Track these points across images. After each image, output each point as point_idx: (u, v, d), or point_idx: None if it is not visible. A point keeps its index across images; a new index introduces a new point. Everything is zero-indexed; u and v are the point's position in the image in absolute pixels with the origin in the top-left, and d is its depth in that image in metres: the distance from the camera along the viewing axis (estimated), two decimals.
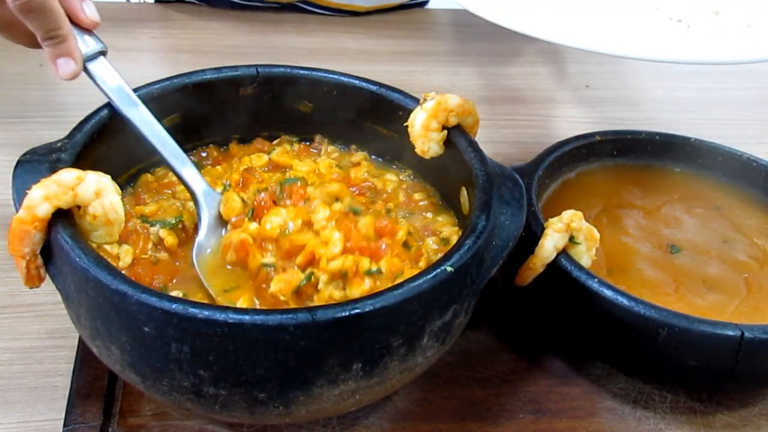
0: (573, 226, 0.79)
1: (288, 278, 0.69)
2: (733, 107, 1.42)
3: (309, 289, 0.69)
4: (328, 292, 0.68)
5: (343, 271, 0.69)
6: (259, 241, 0.73)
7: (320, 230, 0.72)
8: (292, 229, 0.73)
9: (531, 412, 0.80)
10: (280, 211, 0.74)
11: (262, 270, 0.71)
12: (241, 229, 0.74)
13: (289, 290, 0.69)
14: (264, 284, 0.70)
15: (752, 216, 0.96)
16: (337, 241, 0.70)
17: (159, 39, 1.44)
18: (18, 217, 0.64)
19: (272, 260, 0.72)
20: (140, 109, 0.76)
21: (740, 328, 0.72)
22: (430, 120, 0.79)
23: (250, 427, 0.75)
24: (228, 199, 0.77)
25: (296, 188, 0.78)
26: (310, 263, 0.70)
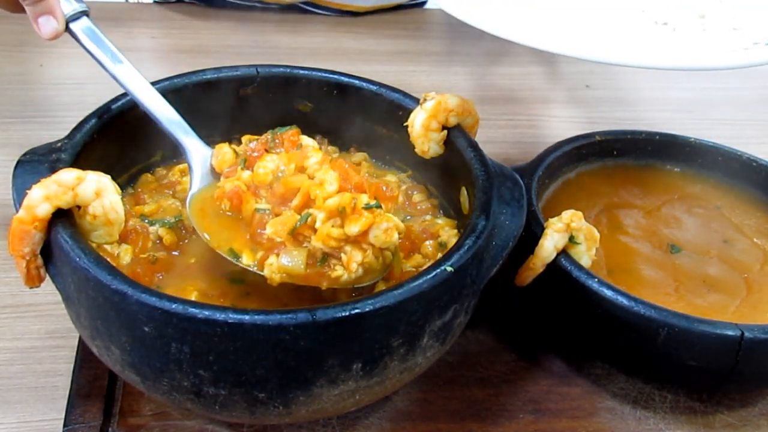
0: (573, 226, 0.79)
1: (283, 220, 0.68)
2: (733, 107, 1.42)
3: (306, 230, 0.68)
4: (326, 230, 0.66)
5: (340, 207, 0.66)
6: (253, 188, 0.72)
7: (314, 173, 0.71)
8: (286, 173, 0.72)
9: (531, 412, 0.80)
10: (272, 157, 0.73)
11: (257, 215, 0.70)
12: (234, 177, 0.73)
13: (285, 231, 0.67)
14: (259, 229, 0.69)
15: (752, 216, 0.96)
16: (332, 179, 0.68)
17: (159, 39, 1.44)
18: (18, 217, 0.64)
19: (267, 206, 0.70)
20: (126, 66, 0.76)
21: (740, 328, 0.72)
22: (430, 120, 0.79)
23: (250, 427, 0.75)
24: (219, 151, 0.76)
25: (288, 136, 0.77)
26: (305, 206, 0.69)
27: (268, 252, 0.68)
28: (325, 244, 0.66)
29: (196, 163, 0.76)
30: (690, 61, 0.71)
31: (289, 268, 0.66)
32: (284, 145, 0.76)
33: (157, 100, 0.76)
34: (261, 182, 0.72)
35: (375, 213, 0.67)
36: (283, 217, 0.68)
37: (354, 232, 0.65)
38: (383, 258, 0.69)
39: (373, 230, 0.66)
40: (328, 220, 0.66)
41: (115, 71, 0.76)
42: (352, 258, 0.66)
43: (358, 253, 0.67)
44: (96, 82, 1.26)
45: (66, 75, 1.29)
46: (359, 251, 0.67)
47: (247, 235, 0.70)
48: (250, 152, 0.75)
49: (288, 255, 0.67)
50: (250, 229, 0.70)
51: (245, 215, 0.71)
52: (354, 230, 0.65)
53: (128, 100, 0.79)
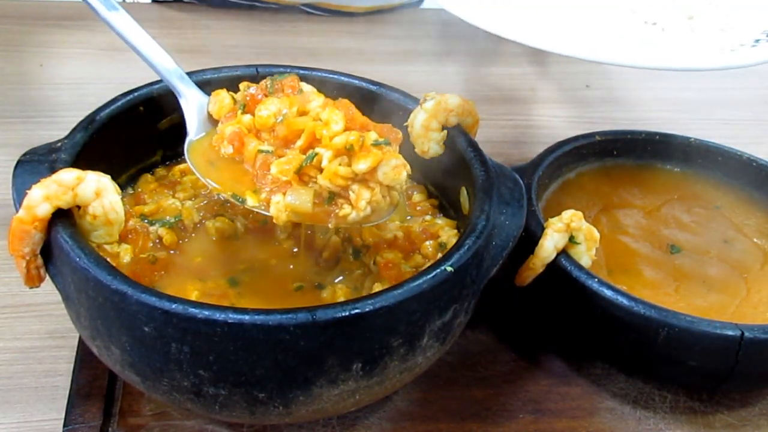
0: (573, 226, 0.79)
1: (288, 159, 0.66)
2: (733, 107, 1.42)
3: (312, 170, 0.66)
4: (333, 169, 0.65)
5: (348, 145, 0.65)
6: (254, 131, 0.70)
7: (318, 116, 0.68)
8: (288, 116, 0.69)
9: (531, 412, 0.80)
10: (273, 100, 0.71)
11: (260, 156, 0.68)
12: (234, 120, 0.71)
13: (291, 171, 0.65)
14: (263, 171, 0.67)
15: (752, 216, 0.96)
16: (338, 118, 0.67)
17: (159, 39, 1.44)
18: (18, 217, 0.63)
19: (270, 147, 0.68)
20: (121, 14, 0.76)
21: (740, 328, 0.72)
22: (430, 120, 0.79)
23: (250, 427, 0.75)
24: (217, 97, 0.74)
25: (288, 81, 0.74)
26: (310, 147, 0.67)
27: (273, 193, 0.66)
28: (332, 182, 0.65)
29: (193, 110, 0.74)
30: (677, 61, 0.71)
31: (295, 206, 0.65)
32: (284, 91, 0.73)
33: (153, 48, 0.76)
34: (263, 125, 0.69)
35: (383, 150, 0.66)
36: (287, 157, 0.66)
37: (363, 169, 0.64)
38: (390, 198, 0.68)
39: (381, 167, 0.65)
40: (335, 159, 0.65)
41: (109, 18, 0.75)
42: (360, 196, 0.65)
43: (366, 191, 0.66)
44: (96, 82, 1.27)
45: (66, 75, 1.29)
46: (367, 189, 0.66)
47: (250, 178, 0.69)
48: (250, 97, 0.72)
49: (294, 193, 0.66)
50: (253, 172, 0.68)
51: (247, 158, 0.69)
52: (363, 167, 0.64)
53: (128, 100, 0.79)
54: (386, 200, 0.68)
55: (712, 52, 0.71)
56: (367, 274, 0.75)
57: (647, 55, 0.72)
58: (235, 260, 0.76)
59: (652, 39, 0.77)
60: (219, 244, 0.77)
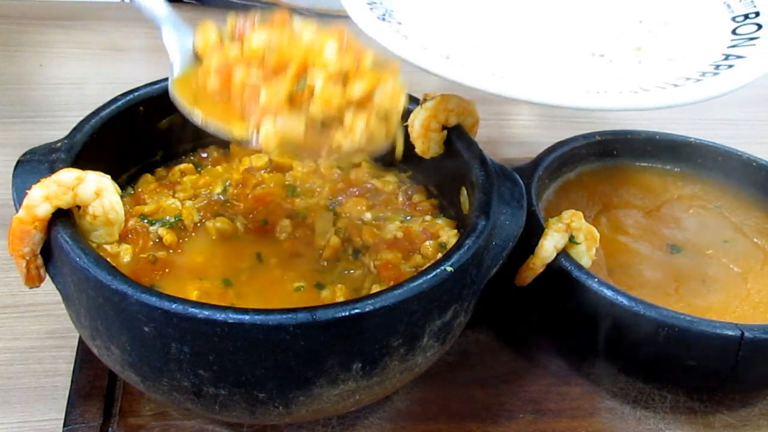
0: (573, 226, 0.79)
1: (279, 86, 0.61)
2: (733, 107, 1.42)
3: (302, 98, 0.62)
4: (327, 93, 0.60)
5: (343, 69, 0.61)
6: (243, 62, 0.64)
7: (311, 43, 0.63)
8: (279, 44, 0.64)
9: (531, 412, 0.80)
10: (263, 30, 0.66)
11: (248, 86, 0.63)
12: (221, 52, 0.67)
13: (282, 97, 0.61)
14: (253, 102, 0.62)
15: (752, 216, 0.96)
16: (332, 44, 0.62)
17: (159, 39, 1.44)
18: (18, 217, 0.64)
19: (259, 78, 0.63)
20: None
21: (740, 328, 0.72)
22: (430, 120, 0.79)
23: (250, 427, 0.75)
24: (203, 28, 0.69)
25: (278, 17, 0.68)
26: (301, 75, 0.62)
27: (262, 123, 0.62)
28: (325, 108, 0.61)
29: (176, 44, 0.70)
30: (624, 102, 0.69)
31: (286, 133, 0.61)
32: (275, 24, 0.68)
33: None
34: (252, 54, 0.64)
35: (380, 73, 0.62)
36: (277, 83, 0.62)
37: (359, 92, 0.60)
38: (388, 126, 0.64)
39: (378, 90, 0.62)
40: (328, 84, 0.61)
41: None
42: (355, 122, 0.61)
43: (362, 117, 0.61)
44: (96, 82, 1.27)
45: (65, 75, 1.29)
46: (363, 115, 0.61)
47: (238, 109, 0.64)
48: (238, 30, 0.68)
49: (285, 120, 0.61)
50: (242, 103, 0.64)
51: (235, 89, 0.64)
52: (359, 89, 0.60)
53: (128, 100, 0.79)
54: (383, 129, 0.63)
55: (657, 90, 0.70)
56: (367, 274, 0.75)
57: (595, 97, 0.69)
58: (235, 260, 0.76)
59: (601, 73, 0.75)
60: (219, 244, 0.77)
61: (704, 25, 0.79)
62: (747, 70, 0.71)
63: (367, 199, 0.84)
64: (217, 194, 0.83)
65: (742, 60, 0.72)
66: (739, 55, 0.73)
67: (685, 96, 0.68)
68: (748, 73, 0.71)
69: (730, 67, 0.72)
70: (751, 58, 0.73)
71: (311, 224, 0.79)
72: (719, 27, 0.78)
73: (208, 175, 0.85)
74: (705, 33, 0.78)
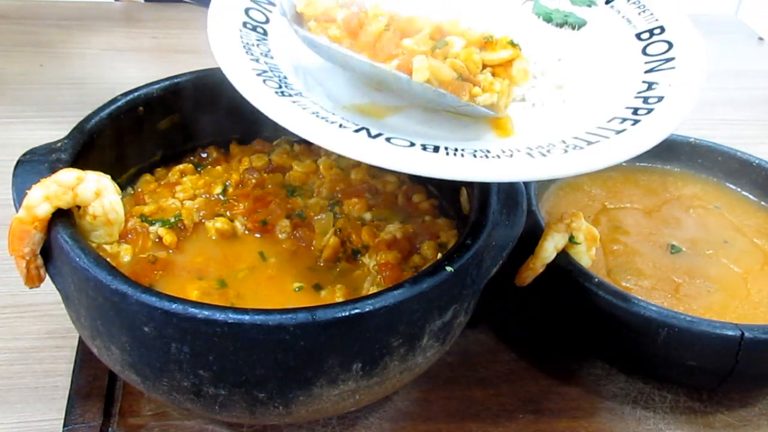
0: (573, 226, 0.79)
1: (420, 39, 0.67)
2: (733, 107, 1.42)
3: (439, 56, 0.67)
4: (468, 52, 0.66)
5: (487, 36, 0.67)
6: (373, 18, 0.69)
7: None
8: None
9: (531, 412, 0.80)
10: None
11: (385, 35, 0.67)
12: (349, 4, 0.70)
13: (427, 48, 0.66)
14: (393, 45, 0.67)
15: (752, 216, 0.96)
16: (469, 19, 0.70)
17: (159, 39, 1.44)
18: (18, 217, 0.64)
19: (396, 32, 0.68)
20: None
21: (740, 328, 0.72)
22: None
23: (250, 427, 0.75)
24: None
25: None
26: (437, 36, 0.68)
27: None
28: (466, 63, 0.66)
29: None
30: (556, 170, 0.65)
31: (438, 68, 0.66)
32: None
33: None
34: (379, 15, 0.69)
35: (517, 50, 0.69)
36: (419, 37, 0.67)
37: (503, 57, 0.67)
38: (507, 98, 0.70)
39: (516, 63, 0.68)
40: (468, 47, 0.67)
41: None
42: (493, 82, 0.67)
43: (498, 79, 0.68)
44: (96, 82, 1.27)
45: (66, 75, 1.29)
46: (499, 77, 0.68)
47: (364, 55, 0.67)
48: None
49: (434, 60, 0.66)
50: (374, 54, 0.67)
51: (366, 40, 0.68)
52: (503, 55, 0.67)
53: (128, 100, 0.79)
54: (505, 99, 0.69)
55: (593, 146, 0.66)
56: (367, 274, 0.75)
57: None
58: (235, 260, 0.76)
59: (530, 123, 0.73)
60: (219, 244, 0.77)
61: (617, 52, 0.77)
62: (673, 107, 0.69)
63: (367, 199, 0.84)
64: (217, 194, 0.83)
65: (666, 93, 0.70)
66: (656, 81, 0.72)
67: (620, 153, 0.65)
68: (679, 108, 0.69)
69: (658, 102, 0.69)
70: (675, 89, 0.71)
71: (311, 224, 0.79)
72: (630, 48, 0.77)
73: (208, 175, 0.85)
74: (620, 60, 0.76)
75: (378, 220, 0.82)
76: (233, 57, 0.70)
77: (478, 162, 0.63)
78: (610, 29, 0.79)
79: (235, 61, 0.69)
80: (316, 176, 0.87)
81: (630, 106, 0.70)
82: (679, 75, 0.72)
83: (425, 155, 0.63)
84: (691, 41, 0.75)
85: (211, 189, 0.83)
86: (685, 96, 0.70)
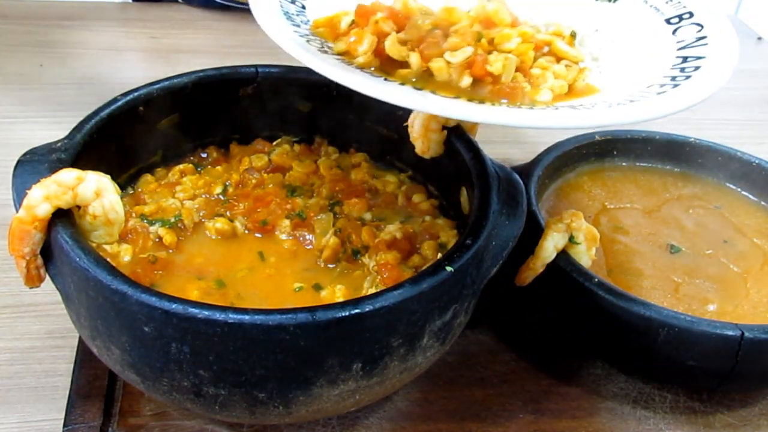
0: (573, 226, 0.79)
1: (464, 30, 0.69)
2: (733, 107, 1.42)
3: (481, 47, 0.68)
4: (523, 47, 0.69)
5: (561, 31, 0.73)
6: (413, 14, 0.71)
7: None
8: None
9: (531, 412, 0.80)
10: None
11: (432, 32, 0.69)
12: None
13: (471, 41, 0.68)
14: (432, 45, 0.68)
15: (752, 216, 0.96)
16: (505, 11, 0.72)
17: (159, 39, 1.44)
18: (18, 217, 0.64)
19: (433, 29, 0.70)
20: None
21: (740, 328, 0.72)
22: (430, 120, 0.79)
23: (250, 427, 0.75)
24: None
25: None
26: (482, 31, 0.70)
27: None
28: (522, 56, 0.68)
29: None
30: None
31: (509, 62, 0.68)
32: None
33: None
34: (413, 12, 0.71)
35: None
36: (460, 28, 0.69)
37: (563, 50, 0.70)
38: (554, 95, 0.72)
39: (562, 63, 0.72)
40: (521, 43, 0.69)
41: None
42: (545, 76, 0.70)
43: (551, 74, 0.70)
44: (96, 82, 1.27)
45: (66, 75, 1.29)
46: (552, 73, 0.70)
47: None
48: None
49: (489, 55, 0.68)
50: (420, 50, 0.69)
51: (413, 34, 0.70)
52: (564, 48, 0.71)
53: (128, 100, 0.79)
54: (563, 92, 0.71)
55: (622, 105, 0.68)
56: (367, 274, 0.75)
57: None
58: (234, 260, 0.76)
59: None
60: (219, 244, 0.77)
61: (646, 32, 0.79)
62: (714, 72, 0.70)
63: (367, 199, 0.84)
64: (217, 194, 0.83)
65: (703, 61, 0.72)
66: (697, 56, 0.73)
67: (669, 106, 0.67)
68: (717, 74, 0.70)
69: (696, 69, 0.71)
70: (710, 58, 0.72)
71: (311, 224, 0.79)
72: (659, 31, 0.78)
73: (208, 175, 0.85)
74: (651, 39, 0.78)
75: (378, 220, 0.82)
76: (276, 21, 0.72)
77: (532, 111, 0.67)
78: (639, 15, 0.81)
79: (277, 25, 0.72)
80: (316, 176, 0.87)
81: (667, 75, 0.72)
82: (713, 47, 0.73)
83: (479, 105, 0.65)
84: (720, 21, 0.76)
85: (211, 189, 0.83)
86: (724, 61, 0.71)
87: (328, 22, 0.75)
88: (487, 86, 0.68)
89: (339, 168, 0.88)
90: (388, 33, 0.70)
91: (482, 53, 0.68)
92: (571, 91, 0.71)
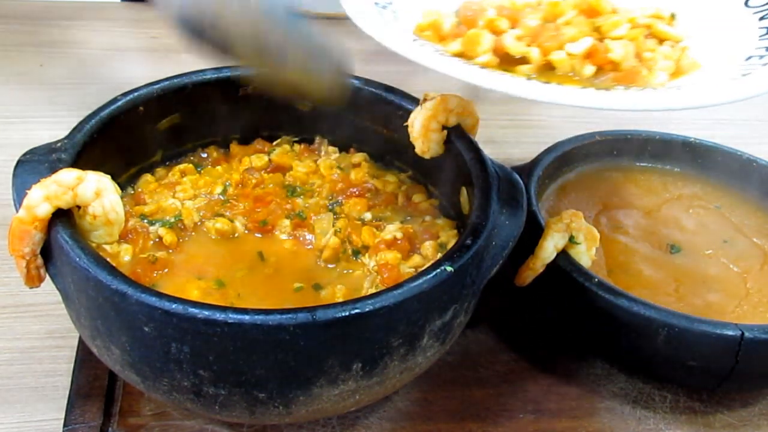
0: (573, 226, 0.79)
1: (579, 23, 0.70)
2: (733, 107, 1.41)
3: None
4: (635, 34, 0.70)
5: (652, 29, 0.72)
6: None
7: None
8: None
9: (531, 412, 0.80)
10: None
11: (543, 27, 0.70)
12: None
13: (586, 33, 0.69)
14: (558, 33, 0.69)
15: (752, 216, 0.96)
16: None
17: (159, 39, 1.44)
18: (18, 217, 0.64)
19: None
20: None
21: (740, 328, 0.72)
22: (430, 120, 0.79)
23: (250, 427, 0.75)
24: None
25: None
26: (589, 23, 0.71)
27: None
28: (636, 43, 0.69)
29: None
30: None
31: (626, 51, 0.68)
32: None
33: None
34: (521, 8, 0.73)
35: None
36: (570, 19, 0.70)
37: (673, 34, 0.72)
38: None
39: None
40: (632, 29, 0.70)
41: None
42: (658, 60, 0.70)
43: (665, 58, 0.70)
44: (96, 82, 1.27)
45: (66, 75, 1.29)
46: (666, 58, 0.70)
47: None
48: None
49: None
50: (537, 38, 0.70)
51: (527, 29, 0.70)
52: (674, 32, 0.72)
53: (128, 100, 0.79)
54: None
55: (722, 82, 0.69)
56: (367, 274, 0.75)
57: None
58: (235, 260, 0.76)
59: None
60: (219, 244, 0.77)
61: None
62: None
63: (367, 199, 0.84)
64: (217, 194, 0.83)
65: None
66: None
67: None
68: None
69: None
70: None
71: (311, 224, 0.79)
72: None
73: (208, 175, 0.85)
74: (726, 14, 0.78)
75: (378, 220, 0.82)
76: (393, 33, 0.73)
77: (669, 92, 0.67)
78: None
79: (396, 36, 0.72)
80: (316, 176, 0.87)
81: (760, 46, 0.72)
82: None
83: (575, 88, 0.65)
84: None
85: (211, 189, 0.83)
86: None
87: (431, 26, 0.75)
88: (607, 74, 0.68)
89: (339, 168, 0.88)
90: (503, 30, 0.70)
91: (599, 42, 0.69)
92: (677, 70, 0.72)
